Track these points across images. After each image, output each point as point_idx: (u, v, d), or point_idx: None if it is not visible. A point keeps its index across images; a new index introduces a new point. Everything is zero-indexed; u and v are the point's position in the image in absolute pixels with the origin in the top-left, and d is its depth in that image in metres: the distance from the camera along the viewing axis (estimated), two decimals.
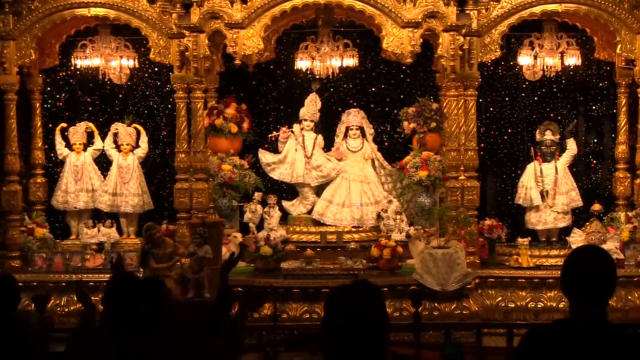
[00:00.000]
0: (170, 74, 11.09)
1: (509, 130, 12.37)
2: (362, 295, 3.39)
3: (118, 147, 11.71)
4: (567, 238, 11.14)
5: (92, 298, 10.62)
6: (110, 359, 4.39)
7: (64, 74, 12.26)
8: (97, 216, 11.76)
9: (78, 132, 11.75)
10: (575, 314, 3.67)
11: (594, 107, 12.27)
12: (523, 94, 12.29)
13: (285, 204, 11.73)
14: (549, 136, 11.46)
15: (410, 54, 10.37)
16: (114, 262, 8.38)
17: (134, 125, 11.78)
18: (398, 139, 12.11)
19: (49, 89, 12.17)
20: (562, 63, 11.55)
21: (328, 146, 11.89)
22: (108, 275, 10.54)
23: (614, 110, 11.71)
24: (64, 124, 11.83)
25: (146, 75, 12.32)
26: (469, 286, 10.25)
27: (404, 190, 11.21)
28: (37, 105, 11.74)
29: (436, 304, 10.11)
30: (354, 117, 11.82)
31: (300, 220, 11.54)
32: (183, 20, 10.69)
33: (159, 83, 12.33)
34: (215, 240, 9.82)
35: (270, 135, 11.91)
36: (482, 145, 11.88)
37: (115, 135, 11.72)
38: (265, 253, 10.64)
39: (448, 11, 10.33)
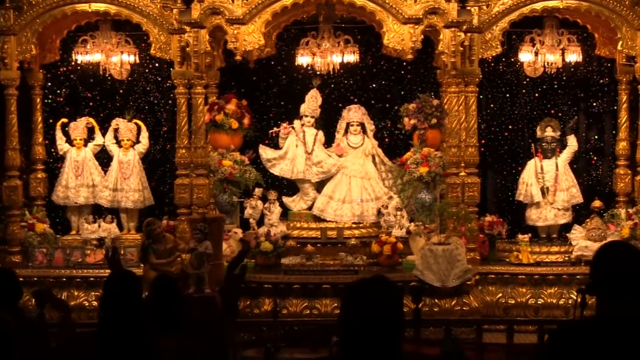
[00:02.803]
0: (171, 69, 11.07)
1: (510, 127, 12.39)
2: (381, 290, 3.34)
3: (119, 142, 11.70)
4: (567, 235, 11.13)
5: (92, 293, 10.76)
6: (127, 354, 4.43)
7: (64, 69, 12.27)
8: (97, 211, 11.75)
9: (79, 127, 11.74)
10: (604, 310, 3.63)
11: (594, 104, 12.29)
12: (524, 91, 12.31)
13: (285, 199, 11.73)
14: (549, 133, 11.45)
15: (411, 50, 10.36)
16: (110, 255, 8.41)
17: (135, 120, 11.77)
18: (399, 135, 12.13)
19: (49, 84, 12.18)
20: (563, 60, 11.54)
21: (329, 142, 11.89)
22: (108, 271, 10.62)
23: (615, 107, 11.71)
24: (64, 120, 11.82)
25: (147, 70, 12.33)
26: (469, 282, 10.26)
27: (404, 186, 11.20)
28: (38, 100, 11.73)
29: (436, 300, 10.11)
30: (354, 113, 11.81)
31: (301, 216, 11.54)
32: (184, 16, 10.67)
33: (159, 79, 12.34)
34: (216, 236, 9.83)
35: (270, 131, 11.90)
36: (483, 141, 11.89)
37: (116, 130, 11.71)
38: (266, 249, 10.64)
39: (449, 7, 10.33)
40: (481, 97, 11.73)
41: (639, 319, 3.57)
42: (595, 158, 12.35)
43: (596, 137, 12.35)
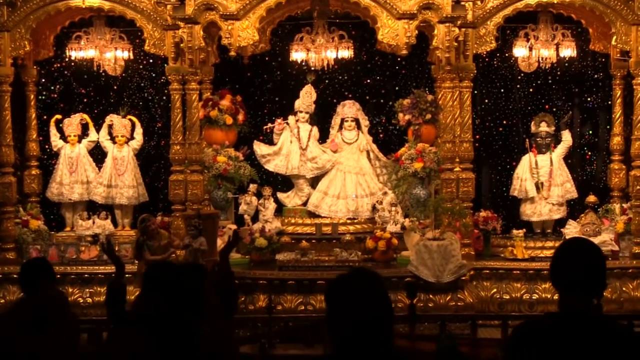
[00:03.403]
0: (165, 65, 11.06)
1: (504, 122, 12.39)
2: (362, 283, 3.33)
3: (113, 138, 11.68)
4: (562, 230, 11.15)
5: (87, 290, 10.75)
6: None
7: (58, 65, 12.24)
8: (92, 208, 11.73)
9: (73, 123, 11.72)
10: (564, 306, 3.67)
11: (589, 99, 12.30)
12: (518, 86, 12.31)
13: (280, 195, 11.73)
14: (544, 128, 11.46)
15: (406, 46, 10.35)
16: (104, 245, 8.42)
17: (129, 117, 11.76)
18: (393, 130, 12.13)
19: (43, 80, 12.15)
20: (558, 55, 11.54)
21: (323, 138, 11.88)
22: (103, 268, 10.62)
23: (609, 102, 11.72)
24: (58, 116, 11.80)
25: (141, 66, 12.30)
26: (463, 278, 10.26)
27: (399, 182, 11.20)
28: (32, 96, 11.71)
29: (431, 296, 10.12)
30: (349, 109, 11.81)
31: (296, 212, 11.54)
32: (178, 12, 10.65)
33: (153, 75, 12.32)
34: (210, 232, 9.82)
35: (265, 127, 11.89)
36: (477, 137, 11.90)
37: (110, 127, 11.69)
38: (261, 245, 10.64)
39: (443, 3, 10.31)
40: (475, 92, 11.72)
41: (594, 315, 3.62)
42: (589, 153, 12.37)
43: (590, 132, 12.36)
